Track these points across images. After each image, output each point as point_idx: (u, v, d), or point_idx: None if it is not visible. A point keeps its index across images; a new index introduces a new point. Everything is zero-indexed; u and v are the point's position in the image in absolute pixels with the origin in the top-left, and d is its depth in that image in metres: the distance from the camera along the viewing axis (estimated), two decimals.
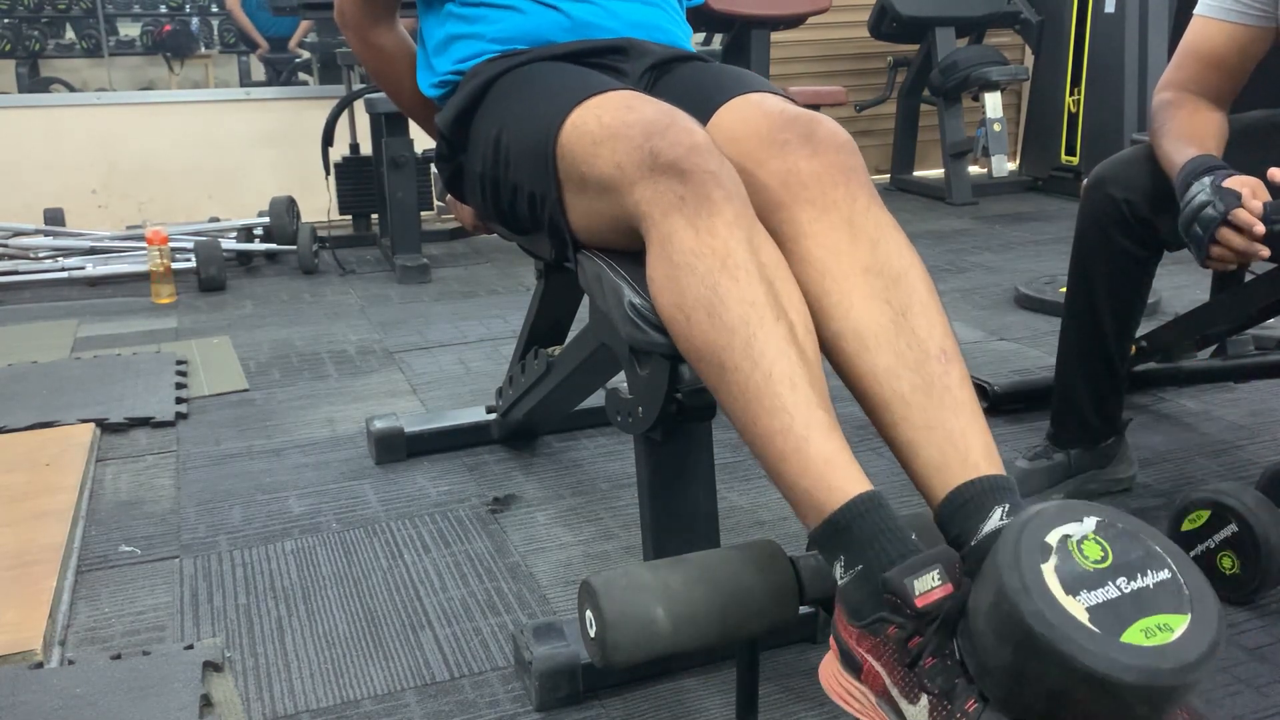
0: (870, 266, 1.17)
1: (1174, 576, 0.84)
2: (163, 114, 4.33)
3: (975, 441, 1.08)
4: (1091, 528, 0.87)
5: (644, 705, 1.36)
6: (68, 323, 3.13)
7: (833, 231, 1.19)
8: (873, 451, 2.10)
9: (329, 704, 1.37)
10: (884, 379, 1.12)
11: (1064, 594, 0.81)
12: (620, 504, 1.91)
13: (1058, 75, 4.91)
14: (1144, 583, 0.83)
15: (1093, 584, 0.82)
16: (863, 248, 1.18)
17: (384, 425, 2.11)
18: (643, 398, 1.33)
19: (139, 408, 2.36)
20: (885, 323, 1.14)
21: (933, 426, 1.09)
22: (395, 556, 1.74)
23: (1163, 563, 0.85)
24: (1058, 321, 1.94)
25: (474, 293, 3.46)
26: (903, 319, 1.14)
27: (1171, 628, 0.80)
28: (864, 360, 1.14)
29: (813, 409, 1.04)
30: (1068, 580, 0.82)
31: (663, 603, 1.05)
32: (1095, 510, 0.89)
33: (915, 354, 1.12)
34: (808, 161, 1.21)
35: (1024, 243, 4.06)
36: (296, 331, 3.04)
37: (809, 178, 1.21)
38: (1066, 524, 0.86)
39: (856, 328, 1.15)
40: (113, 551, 1.77)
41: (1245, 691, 1.37)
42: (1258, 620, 1.52)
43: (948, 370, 1.11)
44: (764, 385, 1.04)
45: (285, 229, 3.85)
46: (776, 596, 1.11)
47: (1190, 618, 0.81)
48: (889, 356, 1.13)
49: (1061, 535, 0.85)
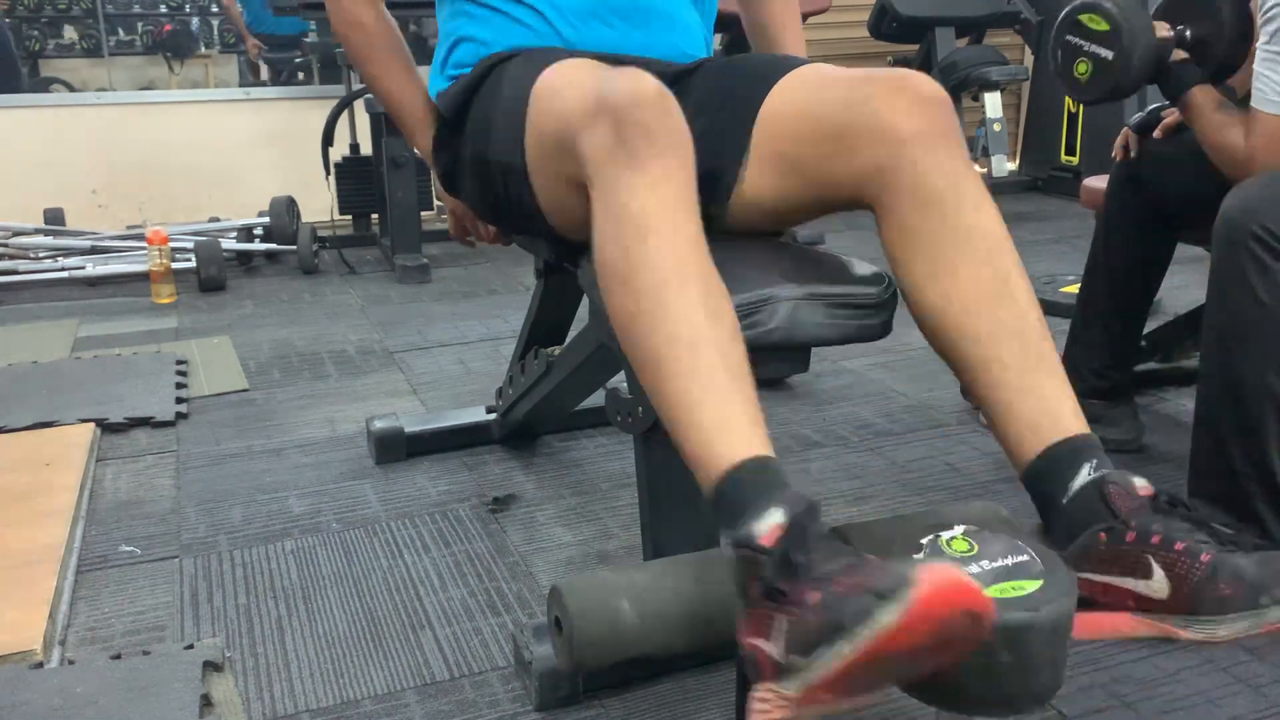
0: (974, 230, 1.17)
1: (1031, 559, 0.97)
2: (163, 114, 4.33)
3: (1066, 404, 1.12)
4: (959, 530, 1.02)
5: (644, 705, 1.36)
6: (68, 322, 3.13)
7: (935, 199, 1.17)
8: (871, 452, 2.10)
9: (329, 704, 1.37)
10: (986, 342, 1.14)
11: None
12: (620, 504, 1.91)
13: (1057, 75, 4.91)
14: (1003, 563, 0.96)
15: (961, 565, 0.95)
16: (966, 212, 1.18)
17: (384, 425, 2.11)
18: (642, 398, 1.33)
19: (139, 408, 2.36)
20: (989, 288, 1.15)
21: (1028, 389, 1.13)
22: (395, 556, 1.74)
23: (1022, 550, 0.98)
24: (1058, 321, 1.96)
25: (474, 293, 3.46)
26: (1004, 285, 1.16)
27: (1025, 588, 0.93)
28: (967, 323, 1.16)
29: (714, 373, 1.03)
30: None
31: (628, 598, 1.05)
32: (967, 519, 1.05)
33: (1016, 320, 1.15)
34: (906, 119, 1.18)
35: (1024, 243, 4.06)
36: (296, 331, 3.04)
37: (910, 137, 1.17)
38: (938, 529, 1.02)
39: (963, 291, 1.16)
40: (113, 551, 1.77)
41: (1245, 692, 1.37)
42: None
43: (1043, 336, 1.15)
44: (664, 349, 1.04)
45: (285, 229, 3.85)
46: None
47: (1042, 582, 0.94)
48: (990, 322, 1.15)
49: (932, 536, 1.01)
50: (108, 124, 4.24)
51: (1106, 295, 2.06)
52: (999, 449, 1.18)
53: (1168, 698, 1.36)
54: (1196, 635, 1.00)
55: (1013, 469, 1.17)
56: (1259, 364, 1.46)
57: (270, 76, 5.55)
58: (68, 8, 4.66)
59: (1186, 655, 1.44)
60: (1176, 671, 1.41)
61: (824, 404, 2.37)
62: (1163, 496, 1.07)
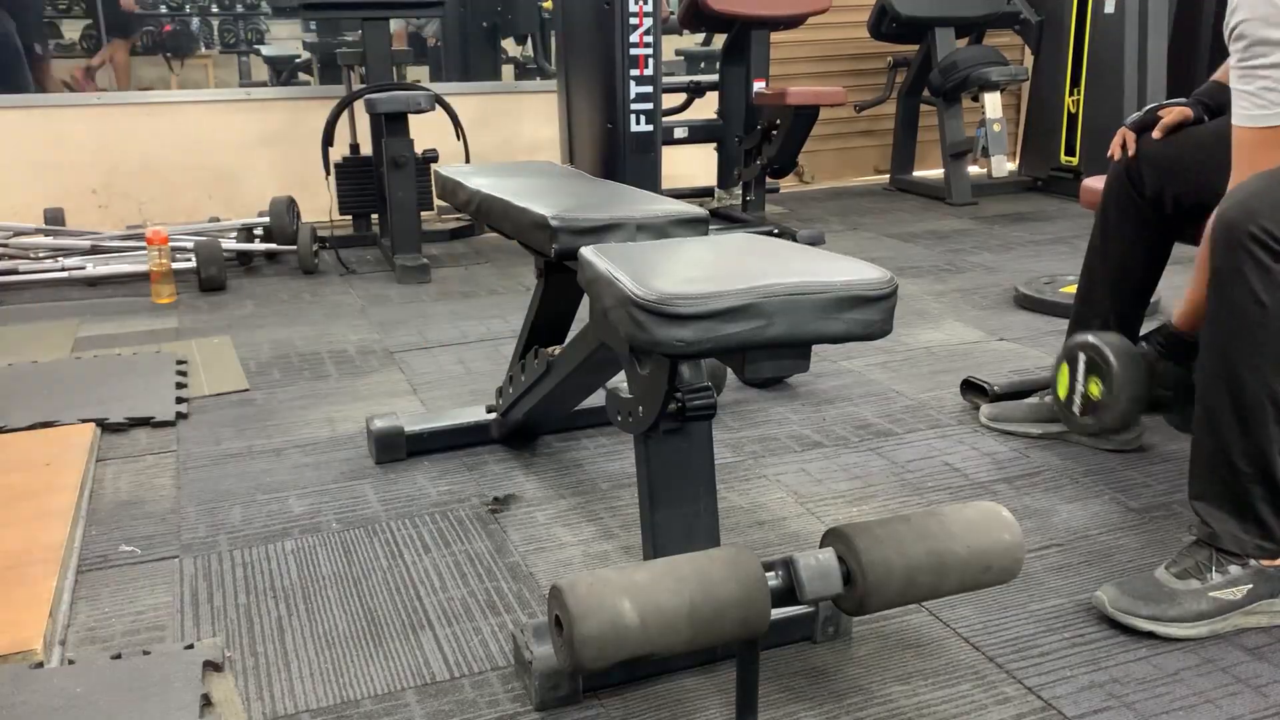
0: None
1: None
2: (163, 114, 4.33)
3: None
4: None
5: (643, 705, 1.36)
6: (68, 322, 3.13)
7: None
8: (871, 451, 2.10)
9: (329, 704, 1.37)
10: None
11: None
12: (620, 504, 1.91)
13: (1057, 75, 4.91)
14: None
15: None
16: None
17: (384, 425, 2.11)
18: (643, 398, 1.34)
19: (139, 407, 2.36)
20: None
21: None
22: (395, 556, 1.74)
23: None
24: (1057, 321, 1.97)
25: (474, 293, 3.46)
26: None
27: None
28: None
29: None
30: None
31: (628, 598, 1.05)
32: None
33: None
34: None
35: (1023, 243, 4.06)
36: (297, 331, 3.04)
37: None
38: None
39: None
40: (113, 551, 1.77)
41: (1245, 692, 1.37)
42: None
43: None
44: None
45: (285, 229, 3.85)
46: (744, 594, 1.12)
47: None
48: None
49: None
50: (108, 124, 4.24)
51: (1104, 294, 2.07)
52: (998, 449, 1.18)
53: (1168, 698, 1.36)
54: None
55: (1011, 468, 1.17)
56: (1259, 365, 1.46)
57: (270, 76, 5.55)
58: (68, 8, 4.67)
59: (1186, 655, 1.44)
60: (1176, 671, 1.41)
61: (824, 404, 2.37)
62: None
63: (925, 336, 2.89)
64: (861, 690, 1.39)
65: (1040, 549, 1.74)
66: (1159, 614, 1.48)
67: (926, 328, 2.97)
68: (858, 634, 1.50)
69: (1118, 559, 1.70)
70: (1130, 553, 1.72)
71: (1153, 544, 1.74)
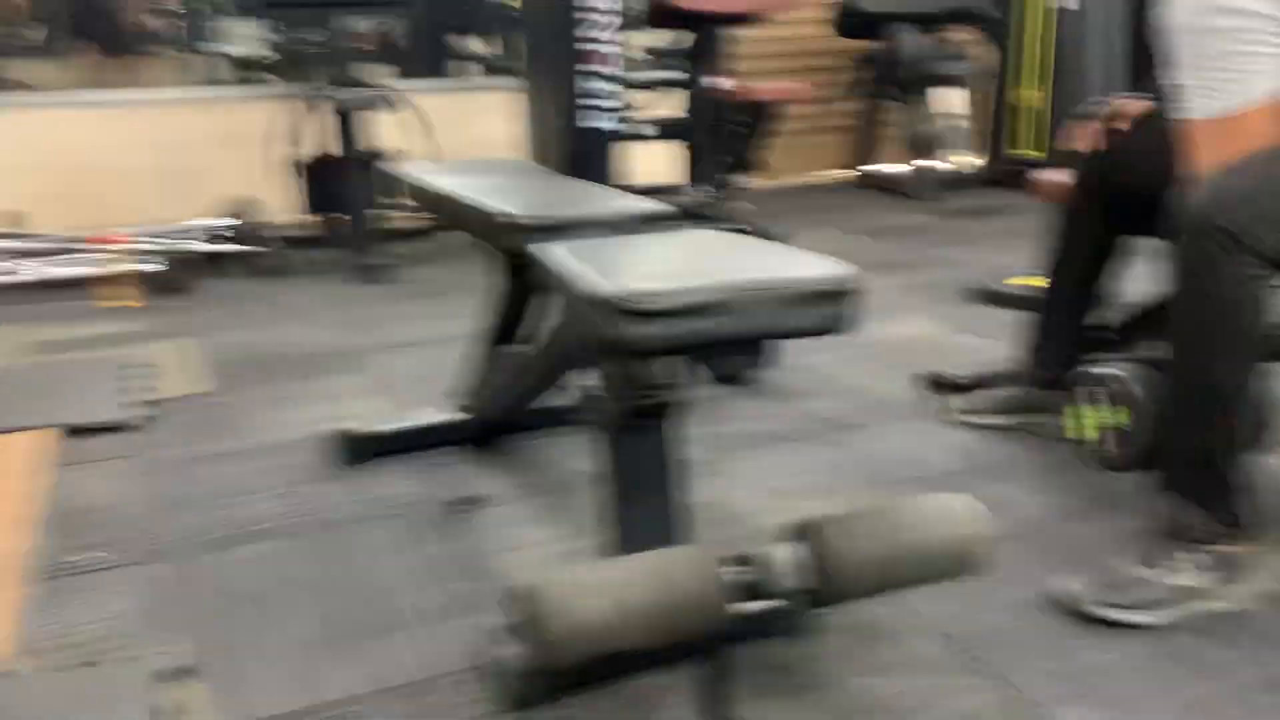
0: None
1: None
2: (125, 114, 4.28)
3: None
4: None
5: (612, 704, 1.36)
6: (28, 326, 3.09)
7: None
8: (839, 445, 2.11)
9: (299, 707, 1.36)
10: None
11: None
12: (590, 502, 1.91)
13: (1020, 70, 4.95)
14: None
15: None
16: None
17: (352, 426, 2.09)
18: (610, 394, 1.34)
19: (102, 412, 2.34)
20: None
21: None
22: (366, 558, 1.73)
23: None
24: (1020, 314, 1.98)
25: (442, 292, 3.45)
26: None
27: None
28: None
29: None
30: None
31: (598, 595, 1.05)
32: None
33: None
34: None
35: (986, 237, 4.10)
36: (263, 333, 3.01)
37: None
38: None
39: None
40: (77, 558, 1.75)
41: (1211, 676, 1.39)
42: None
43: None
44: None
45: (252, 230, 3.82)
46: (709, 590, 1.13)
47: None
48: None
49: None
50: (69, 124, 4.19)
51: (1071, 287, 2.08)
52: (964, 441, 1.19)
53: (1134, 684, 1.38)
54: None
55: (978, 460, 1.18)
56: (1225, 357, 1.48)
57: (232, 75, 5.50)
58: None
59: (1153, 642, 1.46)
60: (1143, 658, 1.43)
61: (792, 398, 2.38)
62: None
63: (891, 331, 2.91)
64: (832, 682, 1.40)
65: (1007, 539, 1.75)
66: (1125, 601, 1.50)
67: (892, 322, 2.99)
68: (827, 626, 1.51)
69: (1084, 548, 1.72)
70: (1097, 542, 1.74)
71: (1119, 533, 1.76)
